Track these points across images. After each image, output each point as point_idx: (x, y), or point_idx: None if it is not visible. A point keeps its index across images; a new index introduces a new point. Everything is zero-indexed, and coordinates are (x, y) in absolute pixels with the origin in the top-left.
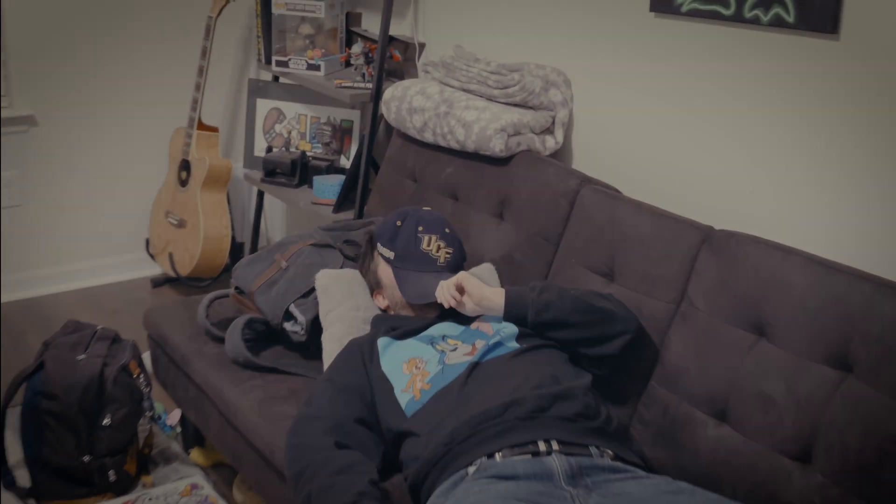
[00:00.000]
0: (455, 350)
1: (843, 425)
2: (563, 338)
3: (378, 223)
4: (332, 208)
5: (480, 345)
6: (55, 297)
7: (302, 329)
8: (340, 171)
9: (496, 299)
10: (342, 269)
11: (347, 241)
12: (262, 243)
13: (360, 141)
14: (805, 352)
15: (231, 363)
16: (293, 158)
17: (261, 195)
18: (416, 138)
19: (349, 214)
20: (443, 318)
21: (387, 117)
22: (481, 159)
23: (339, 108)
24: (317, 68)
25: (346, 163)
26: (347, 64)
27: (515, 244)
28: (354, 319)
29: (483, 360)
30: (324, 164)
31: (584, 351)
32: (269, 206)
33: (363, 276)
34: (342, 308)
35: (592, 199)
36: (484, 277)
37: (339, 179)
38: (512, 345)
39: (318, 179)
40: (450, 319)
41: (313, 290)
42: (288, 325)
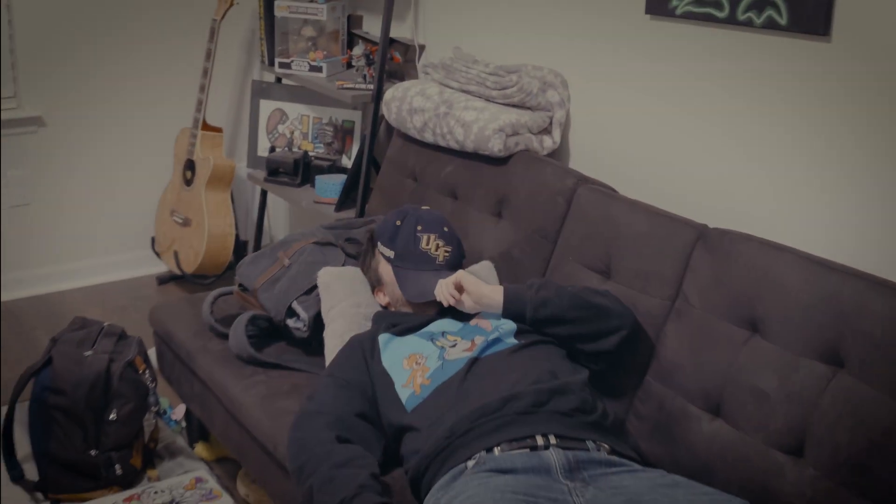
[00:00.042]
0: (454, 346)
1: (834, 420)
2: (560, 334)
3: (379, 222)
4: (333, 207)
5: (479, 341)
6: (63, 294)
7: (304, 325)
8: (342, 170)
9: (495, 297)
10: (344, 266)
11: (349, 240)
12: (265, 241)
13: (362, 141)
14: (797, 348)
15: (235, 359)
16: (296, 158)
17: (264, 194)
18: (417, 138)
19: (351, 213)
20: (442, 314)
21: (387, 118)
22: (480, 159)
23: (341, 108)
24: (319, 70)
25: (348, 162)
26: (349, 65)
27: (514, 242)
28: (356, 316)
29: (482, 355)
30: (326, 164)
31: (581, 346)
32: (272, 204)
33: (364, 273)
34: (344, 305)
35: (589, 197)
36: (482, 275)
37: (341, 179)
38: (510, 341)
39: (320, 179)
40: (449, 316)
41: (315, 287)
42: (291, 322)
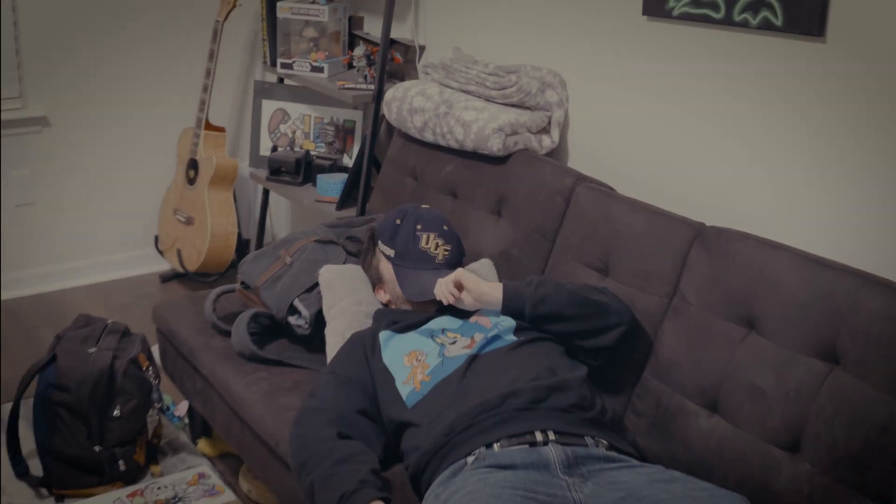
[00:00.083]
0: (454, 343)
1: (830, 416)
2: (559, 330)
3: (379, 221)
4: (335, 206)
5: (479, 338)
6: (67, 292)
7: (306, 323)
8: (343, 169)
9: (494, 294)
10: (345, 264)
11: (350, 238)
12: (267, 240)
13: (363, 140)
14: (794, 345)
15: (237, 356)
16: (297, 157)
17: (266, 193)
18: (417, 138)
19: (352, 212)
20: (442, 312)
21: (388, 117)
22: (480, 158)
23: (342, 108)
24: (320, 70)
25: (349, 162)
26: (350, 66)
27: (513, 241)
28: (357, 314)
29: (482, 352)
30: (327, 163)
31: (580, 343)
32: (274, 203)
33: (365, 271)
34: (345, 302)
35: (587, 196)
36: (482, 273)
37: (342, 178)
38: (509, 338)
39: (321, 178)
40: (449, 313)
41: (317, 285)
42: (292, 319)
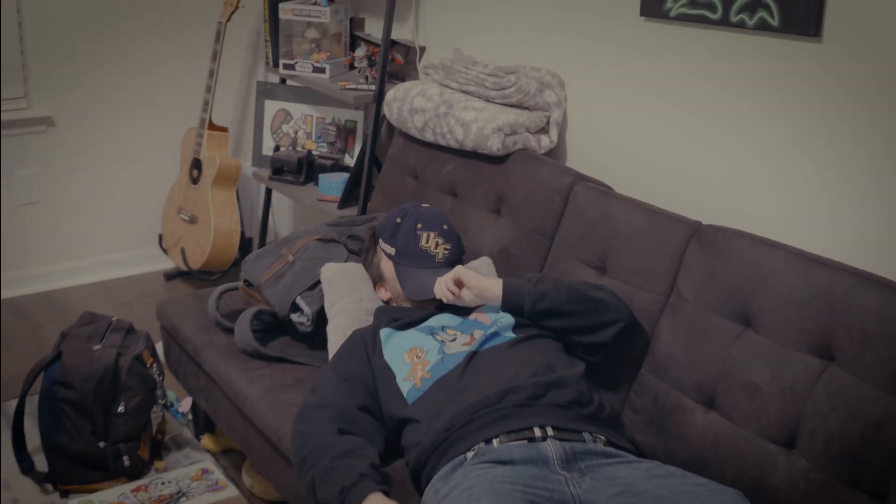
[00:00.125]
0: (454, 340)
1: (826, 412)
2: (558, 326)
3: (380, 219)
4: (336, 205)
5: (478, 335)
6: (72, 290)
7: (308, 320)
8: (345, 169)
9: (494, 290)
10: (346, 262)
11: (351, 237)
12: (269, 238)
13: (364, 140)
14: (789, 341)
15: (240, 353)
16: (300, 157)
17: (269, 192)
18: (417, 138)
19: (353, 211)
20: (442, 309)
21: (389, 118)
22: (479, 158)
23: (344, 108)
24: (322, 71)
25: (350, 161)
26: (351, 67)
27: (512, 239)
28: (358, 311)
29: (481, 349)
30: (329, 163)
31: (579, 339)
32: (276, 202)
33: (366, 269)
34: (346, 300)
35: (585, 195)
36: (482, 271)
37: (344, 177)
38: (508, 335)
39: (323, 177)
40: (449, 311)
41: (319, 282)
42: (294, 317)
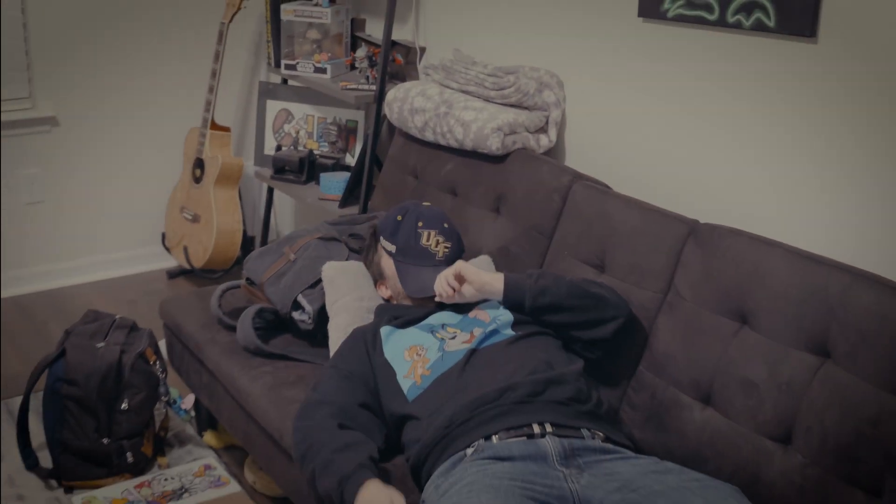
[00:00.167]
0: (454, 338)
1: (821, 408)
2: (558, 321)
3: (381, 218)
4: (337, 204)
5: (478, 332)
6: (76, 288)
7: (309, 318)
8: (346, 168)
9: (495, 284)
10: (347, 261)
11: (352, 235)
12: (271, 237)
13: (365, 140)
14: (785, 339)
15: (242, 351)
16: (301, 157)
17: (271, 191)
18: (418, 137)
19: (354, 209)
20: (442, 307)
21: (389, 117)
22: (479, 157)
23: (345, 108)
24: (323, 71)
25: (351, 161)
26: (352, 67)
27: (511, 238)
28: (359, 309)
29: (480, 347)
30: (330, 162)
31: (578, 335)
32: (278, 201)
33: (367, 267)
34: (347, 298)
35: (584, 194)
36: (482, 269)
37: (345, 176)
38: (508, 332)
39: (324, 176)
40: (449, 308)
41: (320, 281)
42: (296, 315)
